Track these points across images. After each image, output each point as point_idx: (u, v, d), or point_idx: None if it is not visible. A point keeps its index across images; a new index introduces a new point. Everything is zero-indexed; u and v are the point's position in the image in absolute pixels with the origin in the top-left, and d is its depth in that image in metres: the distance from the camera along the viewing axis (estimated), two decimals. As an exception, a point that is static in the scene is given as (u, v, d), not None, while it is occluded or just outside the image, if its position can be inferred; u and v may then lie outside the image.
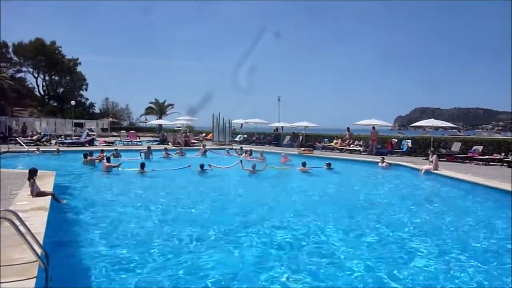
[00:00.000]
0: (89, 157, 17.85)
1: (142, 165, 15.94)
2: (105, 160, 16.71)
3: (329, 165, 17.94)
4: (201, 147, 26.06)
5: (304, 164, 17.30)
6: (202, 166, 16.60)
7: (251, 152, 22.53)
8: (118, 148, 23.27)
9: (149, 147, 22.34)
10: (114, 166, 16.24)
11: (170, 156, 22.43)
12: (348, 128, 28.47)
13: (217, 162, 19.13)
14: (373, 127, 25.73)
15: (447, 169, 16.36)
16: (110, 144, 29.85)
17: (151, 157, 21.06)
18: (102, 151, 20.39)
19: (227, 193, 13.17)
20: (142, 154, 21.10)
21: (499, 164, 18.80)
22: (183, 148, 25.61)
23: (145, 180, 15.01)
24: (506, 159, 18.56)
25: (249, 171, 16.37)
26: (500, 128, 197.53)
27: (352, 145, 27.05)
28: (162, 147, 25.60)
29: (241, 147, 25.97)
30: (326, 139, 30.41)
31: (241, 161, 17.63)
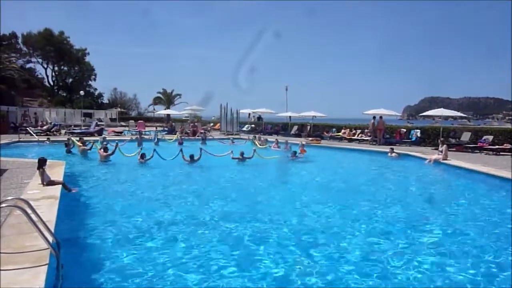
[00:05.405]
0: (82, 147, 17.57)
1: (142, 155, 15.69)
2: (102, 151, 16.28)
3: (293, 153, 17.70)
4: (203, 134, 26.34)
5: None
6: (192, 156, 15.70)
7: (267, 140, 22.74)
8: (107, 137, 22.98)
9: (140, 132, 22.59)
10: (111, 155, 15.86)
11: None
12: (374, 117, 25.98)
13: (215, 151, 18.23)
14: (380, 117, 25.44)
15: (457, 159, 16.22)
16: (119, 134, 30.08)
17: (142, 145, 19.53)
18: (80, 139, 19.51)
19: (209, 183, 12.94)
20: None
21: (510, 154, 18.57)
22: (190, 137, 25.85)
23: (143, 169, 15.01)
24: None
25: (238, 159, 16.12)
26: (510, 117, 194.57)
27: (360, 135, 26.91)
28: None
29: (255, 136, 26.08)
30: (334, 129, 30.29)
31: (231, 151, 16.67)
